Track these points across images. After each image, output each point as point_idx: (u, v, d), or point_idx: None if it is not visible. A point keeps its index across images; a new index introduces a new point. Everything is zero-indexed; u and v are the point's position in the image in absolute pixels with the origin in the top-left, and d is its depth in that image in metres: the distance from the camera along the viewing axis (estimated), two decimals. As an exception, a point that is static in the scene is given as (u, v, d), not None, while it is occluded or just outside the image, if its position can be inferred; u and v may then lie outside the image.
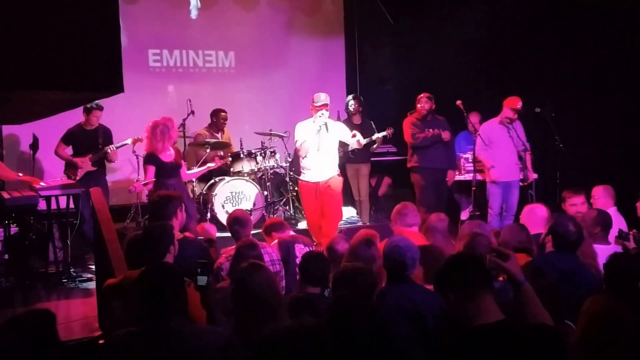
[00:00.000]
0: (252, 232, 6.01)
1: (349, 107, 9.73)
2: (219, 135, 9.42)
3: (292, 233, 6.12)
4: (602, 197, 6.59)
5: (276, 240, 5.79)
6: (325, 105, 7.44)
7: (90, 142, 8.28)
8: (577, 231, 4.58)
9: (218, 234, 6.15)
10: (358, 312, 2.94)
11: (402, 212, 5.72)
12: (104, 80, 3.86)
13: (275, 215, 8.85)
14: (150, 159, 6.90)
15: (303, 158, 7.56)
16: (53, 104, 4.92)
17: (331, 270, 4.32)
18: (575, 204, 6.46)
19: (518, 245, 4.84)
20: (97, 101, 8.04)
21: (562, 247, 4.56)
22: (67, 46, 3.68)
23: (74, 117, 8.19)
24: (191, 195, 8.21)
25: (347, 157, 9.48)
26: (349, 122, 9.61)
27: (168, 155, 6.95)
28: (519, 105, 8.06)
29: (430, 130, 8.30)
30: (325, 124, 7.41)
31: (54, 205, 7.39)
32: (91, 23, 3.75)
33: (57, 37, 3.67)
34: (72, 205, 7.49)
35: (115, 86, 3.91)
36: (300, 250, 5.47)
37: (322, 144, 7.47)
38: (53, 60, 3.69)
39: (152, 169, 6.88)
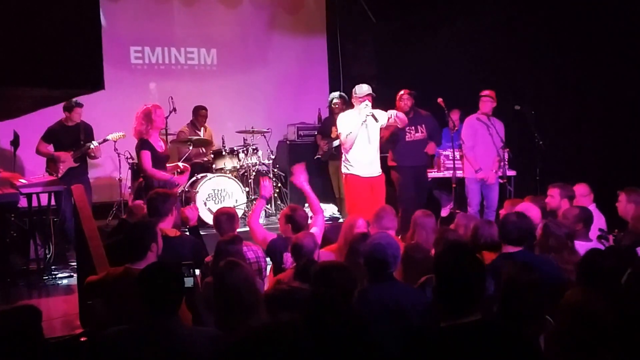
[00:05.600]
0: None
1: (333, 104, 9.76)
2: (200, 132, 9.43)
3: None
4: (584, 194, 6.63)
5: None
6: (369, 95, 7.43)
7: (72, 138, 8.22)
8: (519, 227, 4.59)
9: (201, 232, 6.15)
10: (334, 310, 2.96)
11: (379, 215, 5.71)
12: (85, 77, 3.85)
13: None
14: (143, 144, 6.77)
15: (349, 151, 7.51)
16: (34, 101, 4.90)
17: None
18: (551, 195, 6.54)
19: (488, 242, 4.87)
20: (75, 98, 7.99)
21: (510, 242, 4.61)
22: (47, 42, 3.67)
23: (56, 113, 8.14)
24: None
25: (330, 154, 9.51)
26: (332, 120, 9.65)
27: (159, 145, 6.92)
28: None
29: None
30: (373, 115, 7.39)
31: (35, 203, 7.36)
32: (72, 19, 3.73)
33: (37, 33, 3.66)
34: (53, 203, 7.46)
35: (96, 83, 3.90)
36: (288, 257, 5.35)
37: (372, 135, 7.51)
38: (34, 57, 3.67)
39: (147, 154, 6.73)
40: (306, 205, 9.21)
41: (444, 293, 2.83)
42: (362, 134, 7.47)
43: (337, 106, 9.54)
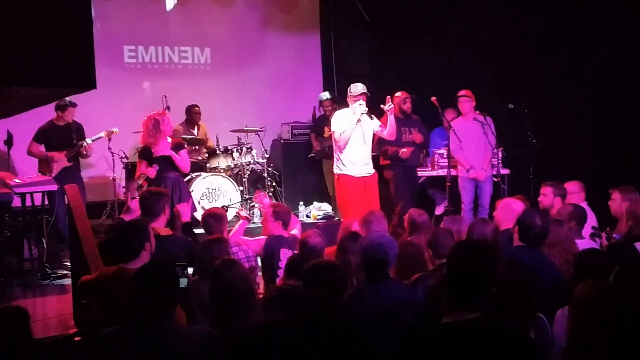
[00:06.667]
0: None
1: (323, 104, 9.79)
2: (194, 131, 9.43)
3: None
4: (576, 191, 6.65)
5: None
6: (364, 94, 7.41)
7: (64, 138, 8.19)
8: (542, 224, 4.60)
9: (196, 231, 6.16)
10: (331, 309, 2.96)
11: (366, 219, 5.65)
12: (76, 76, 3.85)
13: (249, 213, 8.88)
14: (143, 152, 7.07)
15: (343, 150, 7.48)
16: (27, 100, 4.90)
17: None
18: (544, 194, 6.57)
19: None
20: (69, 98, 7.98)
21: (525, 239, 4.61)
22: (38, 42, 3.67)
23: (50, 112, 8.13)
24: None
25: (324, 152, 9.52)
26: (324, 119, 9.67)
27: (162, 149, 6.98)
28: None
29: (403, 149, 8.29)
30: (368, 113, 7.39)
31: (28, 202, 7.35)
32: (63, 19, 3.73)
33: (29, 33, 3.66)
34: (47, 202, 7.45)
35: (88, 82, 3.90)
36: (285, 254, 5.39)
37: (367, 135, 7.49)
38: (25, 57, 3.67)
39: (143, 163, 7.03)
40: (301, 203, 9.35)
41: (454, 285, 2.82)
42: (357, 133, 7.45)
43: (327, 106, 9.57)
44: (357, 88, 7.48)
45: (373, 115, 7.58)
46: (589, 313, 2.95)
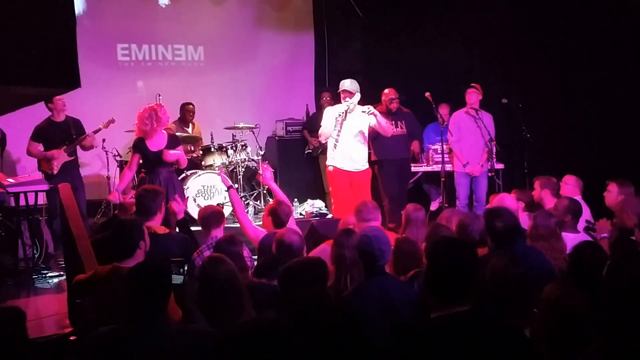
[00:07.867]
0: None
1: (322, 99, 9.79)
2: (188, 129, 9.41)
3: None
4: (572, 185, 6.66)
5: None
6: (348, 92, 7.35)
7: (64, 134, 8.14)
8: (504, 225, 4.56)
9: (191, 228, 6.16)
10: (320, 307, 2.96)
11: (358, 209, 5.68)
12: (59, 76, 3.83)
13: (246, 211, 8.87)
14: (137, 145, 6.81)
15: (322, 143, 7.52)
16: (13, 100, 4.88)
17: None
18: (534, 188, 6.59)
19: (477, 236, 4.88)
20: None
21: (494, 241, 4.61)
22: (20, 42, 3.66)
23: (44, 111, 8.10)
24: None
25: (322, 149, 9.52)
26: (319, 115, 9.67)
27: (157, 143, 6.85)
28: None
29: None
30: (345, 112, 7.34)
31: (22, 202, 7.32)
32: (46, 20, 3.72)
33: (10, 33, 3.64)
34: (40, 201, 7.42)
35: (71, 81, 3.88)
36: None
37: (350, 132, 7.43)
38: (6, 56, 3.66)
39: (136, 157, 6.81)
40: (295, 200, 9.33)
41: (435, 282, 2.84)
42: (333, 132, 7.46)
43: (325, 98, 9.59)
44: (343, 85, 7.47)
45: (355, 114, 7.45)
46: (554, 315, 2.94)
